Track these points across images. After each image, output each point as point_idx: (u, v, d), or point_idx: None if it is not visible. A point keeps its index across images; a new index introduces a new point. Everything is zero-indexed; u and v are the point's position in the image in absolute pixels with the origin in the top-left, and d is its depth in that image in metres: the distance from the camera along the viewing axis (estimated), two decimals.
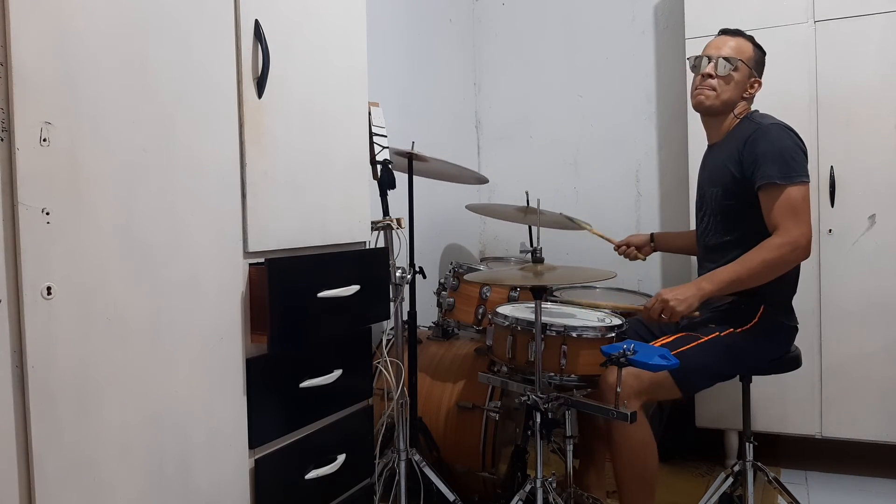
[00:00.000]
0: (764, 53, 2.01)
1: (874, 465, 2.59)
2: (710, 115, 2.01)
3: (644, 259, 2.48)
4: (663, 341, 1.85)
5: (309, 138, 1.45)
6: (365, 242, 1.65)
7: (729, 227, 1.95)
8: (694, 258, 2.51)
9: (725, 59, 1.93)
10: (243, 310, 1.27)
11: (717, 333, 1.86)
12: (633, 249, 2.39)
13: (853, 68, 2.43)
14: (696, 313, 1.87)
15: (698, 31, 2.59)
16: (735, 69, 1.93)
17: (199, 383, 1.18)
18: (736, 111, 1.98)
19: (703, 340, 1.84)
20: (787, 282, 1.90)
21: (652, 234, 2.39)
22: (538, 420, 1.73)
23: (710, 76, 1.95)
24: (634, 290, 2.90)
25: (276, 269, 1.28)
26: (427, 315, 2.75)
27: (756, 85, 1.98)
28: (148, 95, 1.08)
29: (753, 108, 2.00)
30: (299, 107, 1.42)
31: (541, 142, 3.39)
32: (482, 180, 2.49)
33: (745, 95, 1.97)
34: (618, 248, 2.43)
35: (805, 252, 1.81)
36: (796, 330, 1.98)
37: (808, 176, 1.83)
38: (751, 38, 2.00)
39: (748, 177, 1.86)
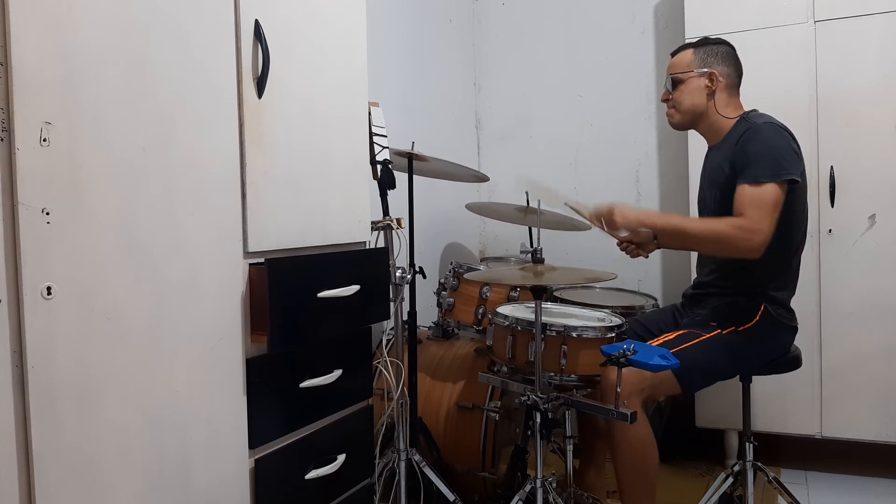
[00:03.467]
0: (711, 44, 2.01)
1: (874, 465, 2.59)
2: (688, 127, 2.06)
3: (647, 257, 2.47)
4: (665, 338, 1.85)
5: (309, 138, 1.45)
6: (365, 242, 1.65)
7: None
8: (694, 256, 2.51)
9: (668, 81, 2.04)
10: (243, 310, 1.27)
11: (719, 331, 1.86)
12: (633, 247, 2.39)
13: (853, 68, 2.43)
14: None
15: (698, 31, 2.59)
16: (680, 82, 1.99)
17: (199, 383, 1.18)
18: (719, 108, 1.97)
19: (704, 338, 1.84)
20: (786, 282, 1.90)
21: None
22: (538, 420, 1.73)
23: (667, 100, 2.05)
24: (634, 290, 2.91)
25: (276, 269, 1.28)
26: (427, 315, 2.75)
27: (713, 76, 1.97)
28: (148, 95, 1.08)
29: (753, 107, 2.00)
30: (299, 107, 1.42)
31: (541, 142, 3.39)
32: (482, 178, 2.49)
33: (709, 92, 1.97)
34: (620, 243, 2.42)
35: (755, 247, 1.76)
36: (796, 330, 1.98)
37: (796, 174, 1.80)
38: (692, 44, 2.04)
39: (738, 175, 1.86)
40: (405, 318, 2.04)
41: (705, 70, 1.98)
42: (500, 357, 1.95)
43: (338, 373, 1.47)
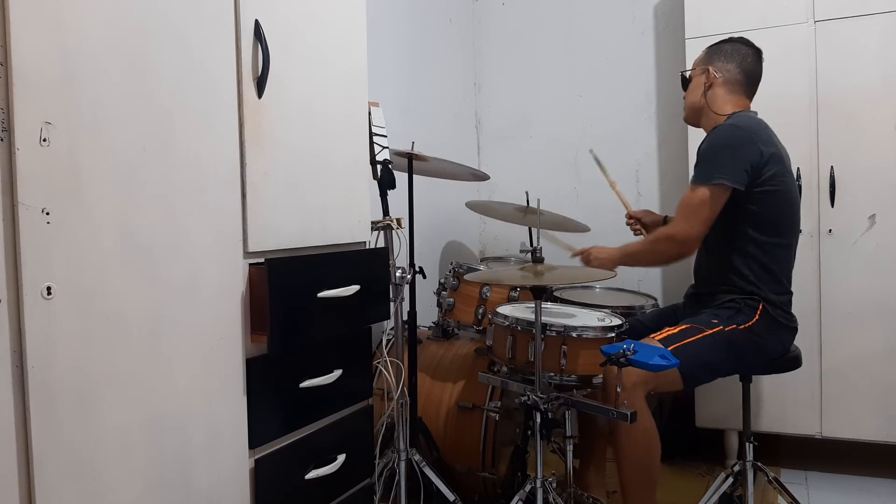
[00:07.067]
0: (721, 42, 2.06)
1: (874, 465, 2.59)
2: (694, 123, 2.13)
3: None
4: (668, 332, 1.85)
5: (309, 138, 1.45)
6: (365, 242, 1.65)
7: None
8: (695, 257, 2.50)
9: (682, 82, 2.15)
10: (243, 310, 1.27)
11: (721, 328, 1.87)
12: (639, 226, 2.40)
13: (853, 68, 2.43)
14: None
15: (698, 31, 2.59)
16: (689, 80, 2.10)
17: (199, 383, 1.18)
18: (711, 104, 2.01)
19: (707, 333, 1.85)
20: (777, 281, 1.91)
21: (666, 217, 2.39)
22: (538, 420, 1.73)
23: (685, 98, 2.14)
24: (634, 290, 2.91)
25: (276, 269, 1.28)
26: (427, 315, 2.75)
27: (709, 72, 2.03)
28: (148, 95, 1.08)
29: (754, 106, 2.01)
30: (299, 107, 1.42)
31: (541, 142, 3.39)
32: (481, 177, 2.48)
33: (705, 89, 2.03)
34: (629, 216, 2.43)
35: (681, 248, 1.89)
36: (796, 330, 1.98)
37: (726, 179, 1.83)
38: (710, 45, 2.11)
39: None
40: (405, 318, 2.04)
41: (705, 67, 2.03)
42: (500, 357, 1.95)
43: (338, 373, 1.47)
